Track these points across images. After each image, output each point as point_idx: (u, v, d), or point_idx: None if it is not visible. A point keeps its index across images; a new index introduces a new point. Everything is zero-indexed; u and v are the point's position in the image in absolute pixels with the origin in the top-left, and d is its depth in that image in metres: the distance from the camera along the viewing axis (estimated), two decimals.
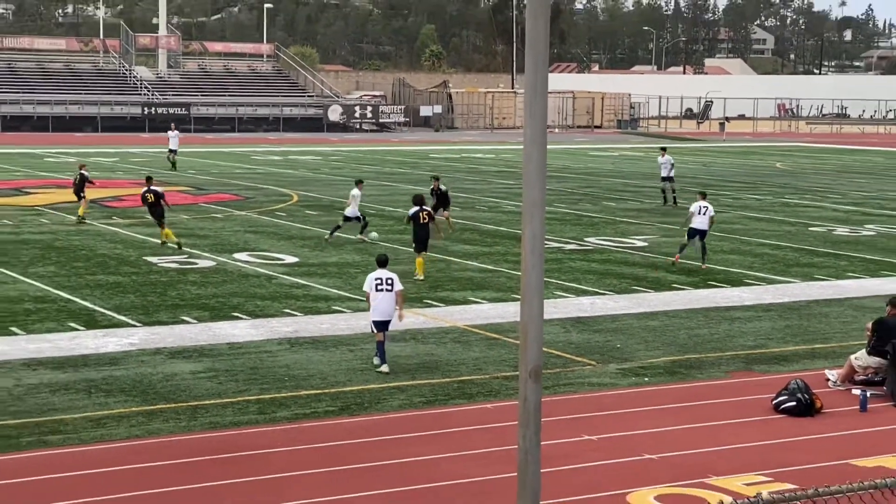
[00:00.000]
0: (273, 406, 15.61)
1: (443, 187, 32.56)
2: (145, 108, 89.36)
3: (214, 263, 26.99)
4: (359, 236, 30.46)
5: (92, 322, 20.56)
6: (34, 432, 14.22)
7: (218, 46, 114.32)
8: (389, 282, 17.34)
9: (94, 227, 33.05)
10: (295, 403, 15.77)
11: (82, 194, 34.72)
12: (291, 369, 17.55)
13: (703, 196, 27.74)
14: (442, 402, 16.02)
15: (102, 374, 17.00)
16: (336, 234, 30.34)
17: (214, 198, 41.72)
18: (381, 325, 17.27)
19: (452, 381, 17.15)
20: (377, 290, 17.30)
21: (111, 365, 17.59)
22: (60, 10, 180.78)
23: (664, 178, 40.96)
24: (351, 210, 30.29)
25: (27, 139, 76.47)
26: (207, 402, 15.72)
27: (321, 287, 24.33)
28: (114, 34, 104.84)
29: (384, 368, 17.29)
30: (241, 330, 20.14)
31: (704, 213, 26.84)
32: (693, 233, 26.99)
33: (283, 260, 27.75)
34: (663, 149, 43.06)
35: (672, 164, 41.07)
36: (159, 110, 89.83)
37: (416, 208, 25.07)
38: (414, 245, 25.33)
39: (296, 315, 21.47)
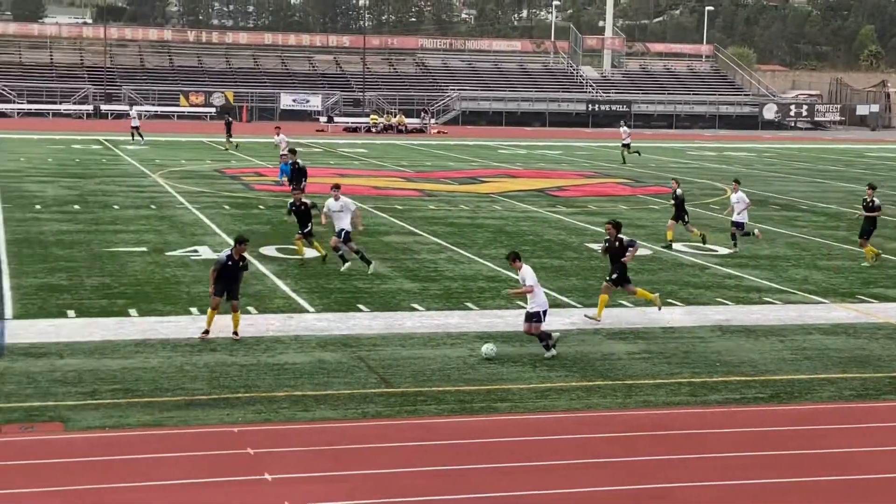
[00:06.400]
0: (704, 389, 15.43)
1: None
2: (589, 106, 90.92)
3: (651, 252, 27.03)
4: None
5: None
6: (485, 399, 14.81)
7: (659, 47, 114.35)
8: None
9: (541, 214, 33.98)
10: (726, 388, 15.51)
11: None
12: (722, 355, 17.27)
13: None
14: (873, 397, 15.23)
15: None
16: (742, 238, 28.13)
17: (652, 190, 41.76)
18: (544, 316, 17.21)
19: (884, 376, 16.26)
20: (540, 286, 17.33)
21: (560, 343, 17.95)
22: (516, 15, 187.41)
23: None
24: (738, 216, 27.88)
25: (483, 132, 79.83)
26: (641, 381, 15.78)
27: (752, 279, 23.77)
28: (563, 36, 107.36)
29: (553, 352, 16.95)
30: (675, 315, 20.04)
31: None
32: None
33: (716, 251, 27.36)
34: None
35: None
36: (602, 107, 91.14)
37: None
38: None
39: (727, 304, 21.10)
